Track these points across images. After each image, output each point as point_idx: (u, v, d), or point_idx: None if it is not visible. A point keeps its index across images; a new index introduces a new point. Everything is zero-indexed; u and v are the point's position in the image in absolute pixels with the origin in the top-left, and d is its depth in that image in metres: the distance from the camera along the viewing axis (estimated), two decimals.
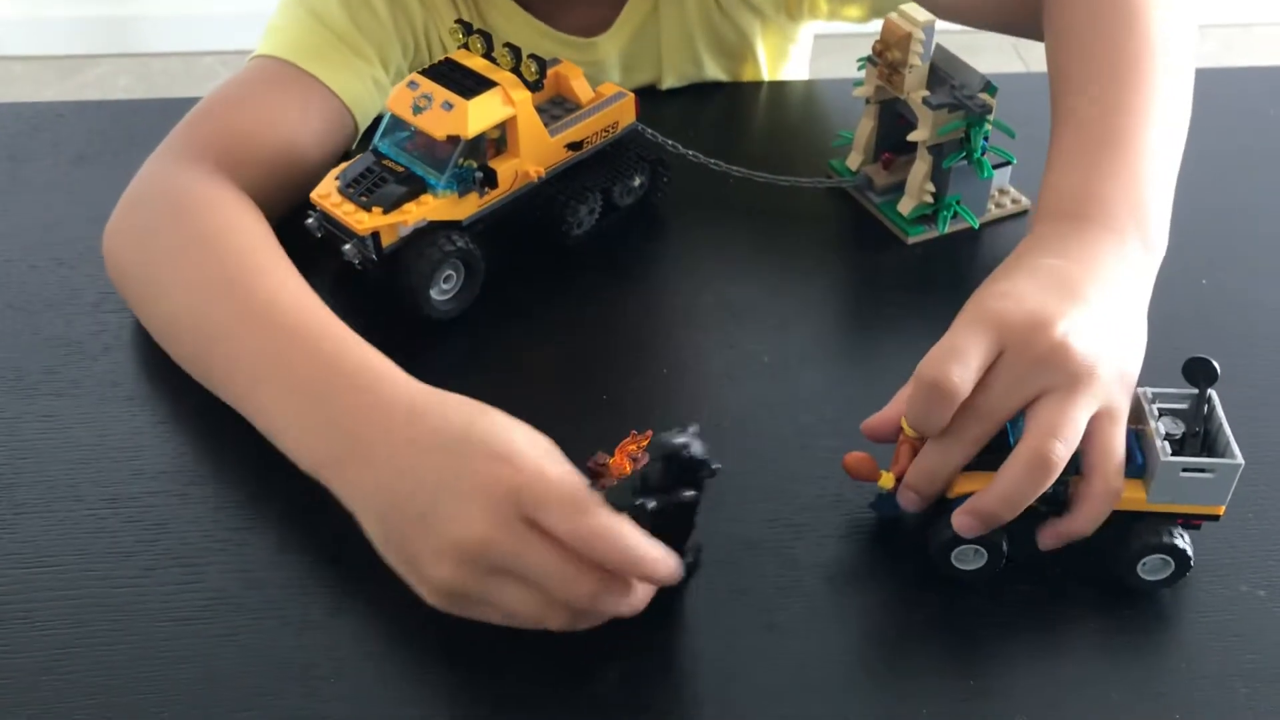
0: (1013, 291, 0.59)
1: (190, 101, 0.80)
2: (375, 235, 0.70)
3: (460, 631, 0.58)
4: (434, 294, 0.72)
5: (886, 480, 0.60)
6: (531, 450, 0.55)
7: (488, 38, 0.73)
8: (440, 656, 0.58)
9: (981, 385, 0.56)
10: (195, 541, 0.62)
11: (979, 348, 0.56)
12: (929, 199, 0.80)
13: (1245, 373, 0.71)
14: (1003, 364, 0.56)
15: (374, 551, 0.61)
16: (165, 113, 0.91)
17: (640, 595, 0.55)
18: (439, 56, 0.86)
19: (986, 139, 0.78)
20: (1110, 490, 0.57)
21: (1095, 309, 0.59)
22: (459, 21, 0.74)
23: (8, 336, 0.73)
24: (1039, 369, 0.56)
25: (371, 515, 0.58)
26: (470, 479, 0.54)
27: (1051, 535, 0.59)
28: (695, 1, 0.93)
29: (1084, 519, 0.58)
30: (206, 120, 0.78)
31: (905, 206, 0.80)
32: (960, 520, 0.57)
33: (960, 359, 0.56)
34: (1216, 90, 0.96)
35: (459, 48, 0.74)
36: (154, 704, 0.55)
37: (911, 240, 0.80)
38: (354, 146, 0.83)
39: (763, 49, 0.98)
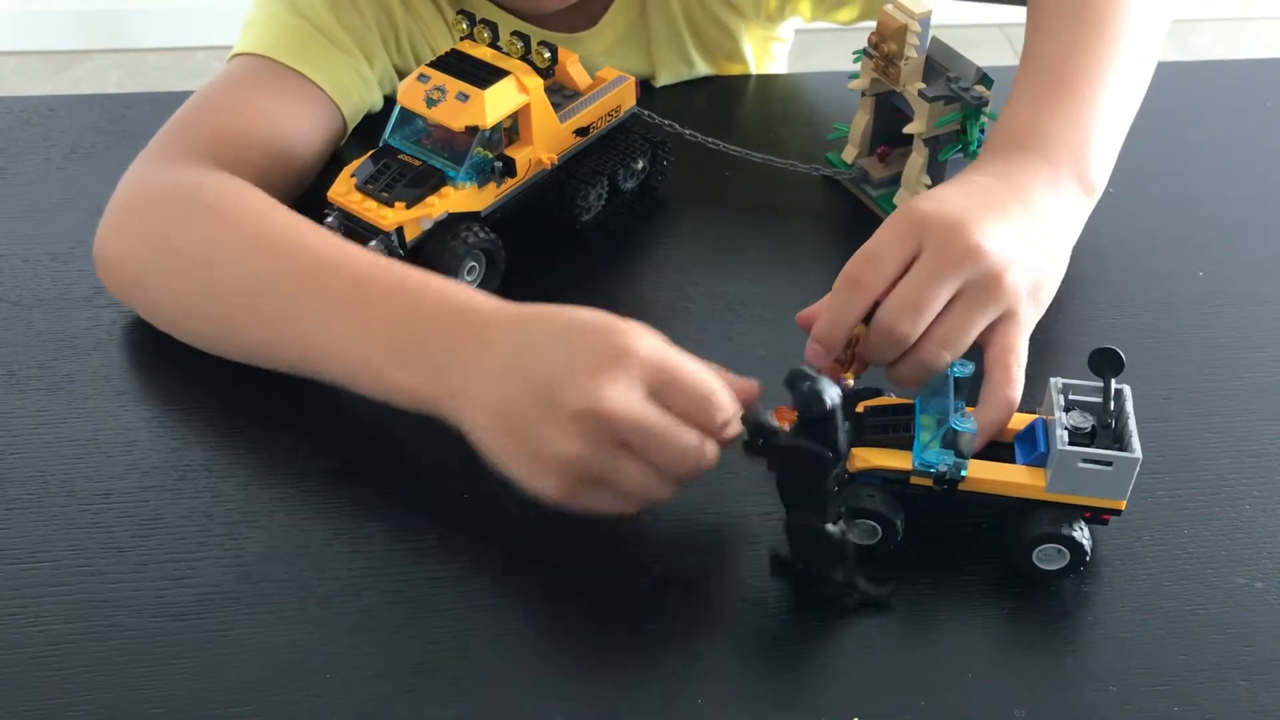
0: (938, 196, 0.64)
1: (183, 95, 0.79)
2: (399, 230, 0.69)
3: (457, 626, 0.58)
4: None
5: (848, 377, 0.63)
6: (648, 334, 0.57)
7: (493, 27, 0.73)
8: (437, 650, 0.57)
9: (902, 281, 0.61)
10: (189, 536, 0.62)
11: (898, 246, 0.61)
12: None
13: (1243, 366, 0.71)
14: (919, 261, 0.61)
15: (369, 544, 0.61)
16: (157, 106, 0.91)
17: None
18: (424, 58, 0.86)
19: (982, 131, 0.77)
20: (1008, 381, 0.60)
21: (1014, 221, 0.63)
22: (461, 12, 0.74)
23: (1, 331, 0.73)
24: (953, 268, 0.60)
25: (488, 415, 0.58)
26: (595, 356, 0.56)
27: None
28: (680, 1, 0.93)
29: (988, 413, 0.60)
30: (195, 122, 0.77)
31: (901, 199, 0.80)
32: None
33: (875, 259, 0.61)
34: (1215, 82, 0.96)
35: (462, 39, 0.74)
36: (148, 699, 0.55)
37: None
38: (343, 143, 0.83)
39: (749, 46, 0.98)
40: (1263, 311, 0.75)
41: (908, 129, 0.78)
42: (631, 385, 0.55)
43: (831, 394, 0.54)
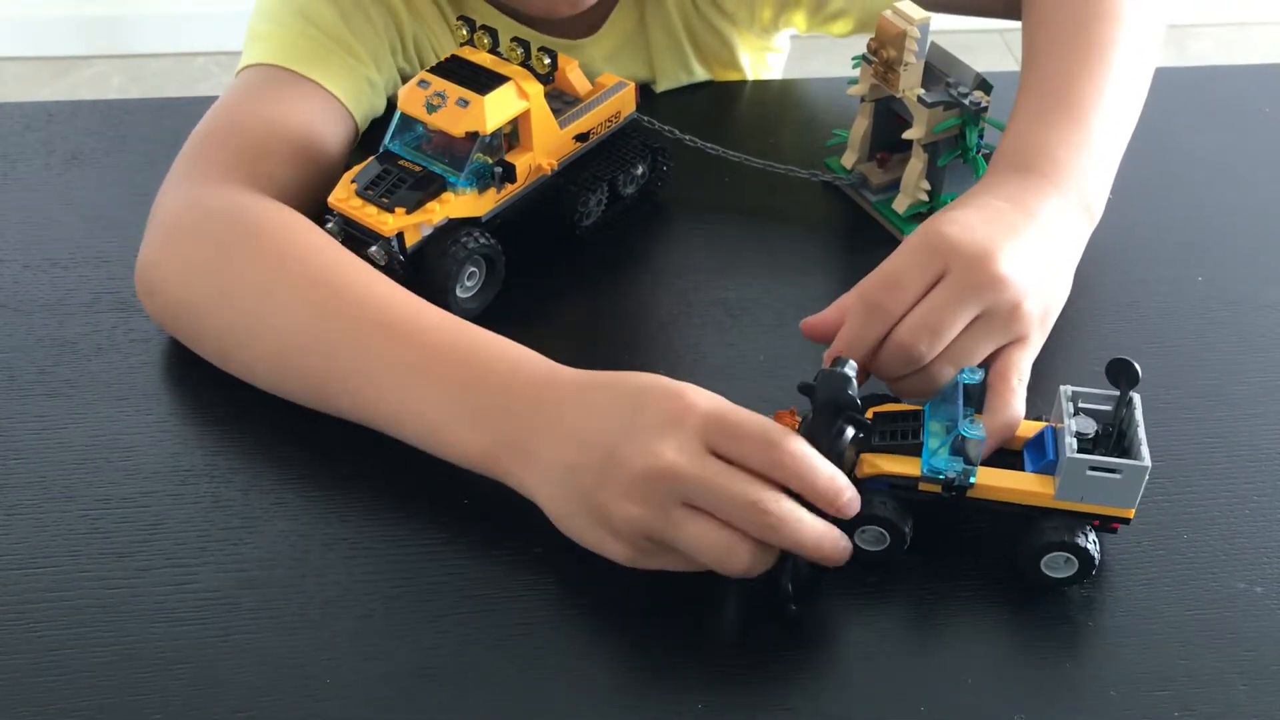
0: (961, 220, 0.64)
1: (184, 102, 0.79)
2: (399, 236, 0.69)
3: (457, 630, 0.58)
4: (459, 293, 0.72)
5: None
6: (705, 393, 0.57)
7: (493, 33, 0.73)
8: (437, 659, 0.57)
9: (922, 302, 0.61)
10: (190, 542, 0.62)
11: (922, 270, 0.62)
12: (924, 197, 0.80)
13: (1242, 370, 0.71)
14: (943, 285, 0.61)
15: (368, 550, 0.61)
16: (158, 112, 0.91)
17: (817, 525, 0.56)
18: (429, 62, 0.86)
19: (981, 137, 0.78)
20: (1011, 394, 0.61)
21: (1031, 249, 0.64)
22: (462, 18, 0.74)
23: (1, 337, 0.73)
24: (975, 296, 0.61)
25: (554, 483, 0.59)
26: (653, 417, 0.56)
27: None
28: (677, 8, 0.93)
29: (992, 425, 0.60)
30: (224, 134, 0.76)
31: (901, 205, 0.80)
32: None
33: (900, 283, 0.62)
34: (1214, 88, 0.96)
35: (462, 44, 0.74)
36: (148, 705, 0.55)
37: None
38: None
39: (745, 56, 0.99)
40: (1262, 316, 0.75)
41: (907, 134, 0.78)
42: (689, 441, 0.55)
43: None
